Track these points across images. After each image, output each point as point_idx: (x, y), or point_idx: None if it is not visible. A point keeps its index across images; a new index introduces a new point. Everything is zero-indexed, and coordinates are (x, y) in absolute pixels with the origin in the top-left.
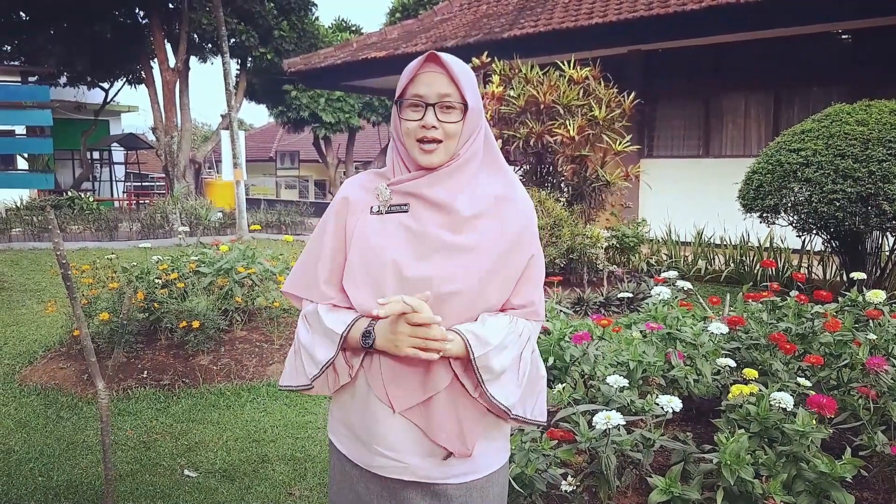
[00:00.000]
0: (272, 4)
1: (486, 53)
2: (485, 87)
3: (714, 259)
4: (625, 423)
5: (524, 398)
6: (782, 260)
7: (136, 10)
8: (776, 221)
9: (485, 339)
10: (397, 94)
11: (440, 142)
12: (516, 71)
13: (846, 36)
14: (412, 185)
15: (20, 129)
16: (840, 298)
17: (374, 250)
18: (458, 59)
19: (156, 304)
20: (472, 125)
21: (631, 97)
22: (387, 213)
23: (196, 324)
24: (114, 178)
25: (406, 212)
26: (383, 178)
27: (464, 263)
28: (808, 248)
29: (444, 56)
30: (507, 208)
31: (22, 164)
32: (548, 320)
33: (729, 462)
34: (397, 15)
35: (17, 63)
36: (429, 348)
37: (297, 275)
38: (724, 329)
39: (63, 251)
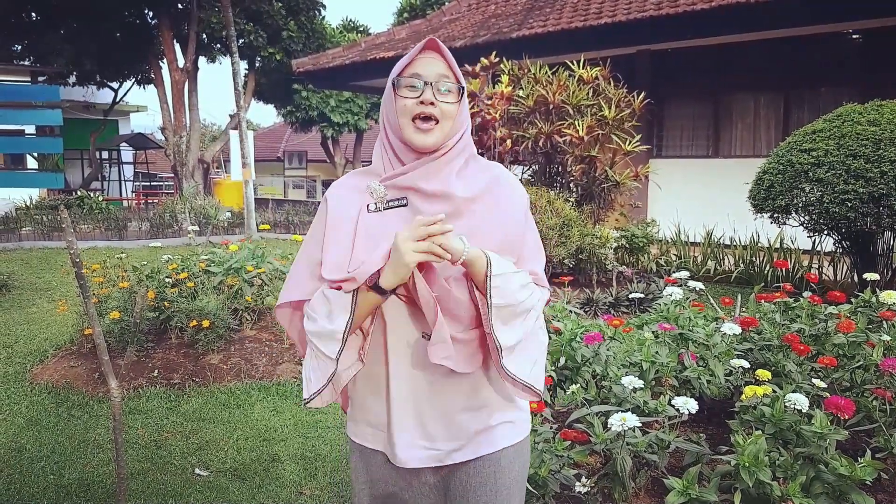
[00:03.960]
0: (280, 5)
1: (494, 53)
2: (493, 87)
3: (724, 259)
4: (640, 424)
5: (519, 352)
6: (792, 260)
7: (146, 10)
8: (787, 222)
9: (504, 266)
10: (394, 75)
11: (437, 122)
12: (525, 71)
13: (857, 36)
14: (407, 178)
15: (30, 129)
16: (853, 299)
17: (380, 250)
18: None
19: (166, 304)
20: (464, 115)
21: (641, 97)
22: (385, 209)
23: (206, 323)
24: (122, 178)
25: (405, 205)
26: (373, 176)
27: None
28: (819, 248)
29: (443, 45)
30: (502, 191)
31: (32, 163)
32: (558, 320)
33: (747, 464)
34: (405, 15)
35: (26, 63)
36: (434, 252)
37: (289, 286)
38: (737, 330)
39: (77, 250)
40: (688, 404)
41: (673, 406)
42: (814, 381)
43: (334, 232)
